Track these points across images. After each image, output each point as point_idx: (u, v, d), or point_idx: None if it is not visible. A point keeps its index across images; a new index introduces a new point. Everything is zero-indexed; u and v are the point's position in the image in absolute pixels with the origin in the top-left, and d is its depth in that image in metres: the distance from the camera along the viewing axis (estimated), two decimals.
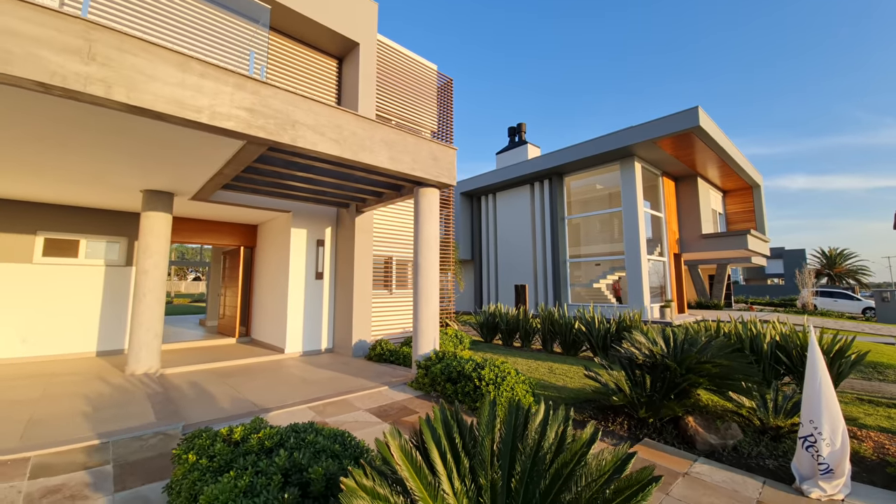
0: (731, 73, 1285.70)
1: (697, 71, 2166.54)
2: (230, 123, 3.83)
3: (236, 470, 2.09)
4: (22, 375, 5.55)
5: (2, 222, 6.65)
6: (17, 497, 2.54)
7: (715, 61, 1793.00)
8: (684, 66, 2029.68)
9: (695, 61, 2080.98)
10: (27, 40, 2.91)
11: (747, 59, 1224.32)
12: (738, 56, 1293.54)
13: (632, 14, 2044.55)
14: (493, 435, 1.91)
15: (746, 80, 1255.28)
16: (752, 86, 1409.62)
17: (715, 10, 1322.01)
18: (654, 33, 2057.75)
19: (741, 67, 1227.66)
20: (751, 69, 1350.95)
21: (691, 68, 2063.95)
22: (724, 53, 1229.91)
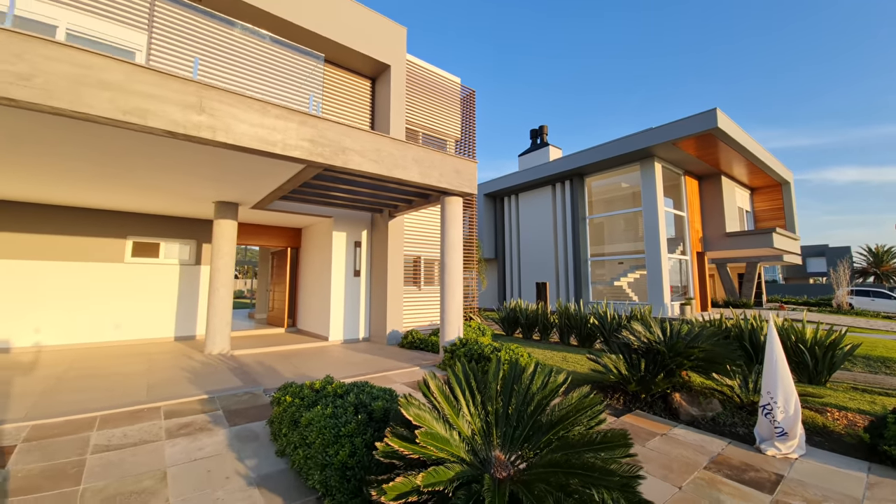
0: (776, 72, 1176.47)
1: (737, 67, 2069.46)
2: (296, 152, 4.85)
3: (321, 405, 3.05)
4: (124, 354, 6.85)
5: (101, 229, 8.06)
6: (159, 430, 3.62)
7: (748, 61, 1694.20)
8: (723, 60, 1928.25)
9: (729, 59, 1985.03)
10: (159, 101, 4.00)
11: (789, 59, 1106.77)
12: (776, 57, 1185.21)
13: (679, 8, 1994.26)
14: (497, 381, 2.77)
15: (792, 75, 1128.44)
16: (798, 79, 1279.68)
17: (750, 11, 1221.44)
18: (688, 31, 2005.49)
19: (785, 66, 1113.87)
20: (797, 65, 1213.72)
21: (730, 64, 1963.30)
22: (752, 56, 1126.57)
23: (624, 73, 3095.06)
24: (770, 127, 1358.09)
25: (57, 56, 3.51)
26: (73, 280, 7.65)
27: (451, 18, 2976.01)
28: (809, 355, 6.06)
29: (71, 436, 3.34)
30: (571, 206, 18.46)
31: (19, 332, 7.07)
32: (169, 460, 3.03)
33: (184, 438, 3.39)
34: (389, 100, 9.28)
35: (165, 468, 2.92)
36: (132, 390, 4.59)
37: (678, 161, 16.53)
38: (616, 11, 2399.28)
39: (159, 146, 4.58)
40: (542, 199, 20.03)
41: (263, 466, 3.02)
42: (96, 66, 3.68)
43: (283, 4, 7.75)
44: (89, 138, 4.31)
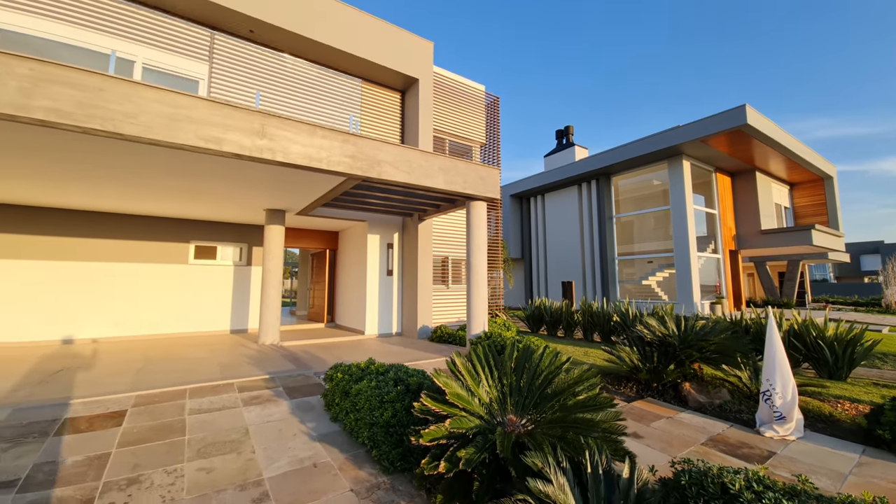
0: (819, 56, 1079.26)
1: (789, 53, 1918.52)
2: (339, 167, 5.58)
3: (367, 379, 3.71)
4: (190, 344, 7.86)
5: (168, 234, 9.19)
6: (237, 400, 4.40)
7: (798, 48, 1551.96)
8: (769, 45, 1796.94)
9: (776, 43, 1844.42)
10: (231, 129, 4.81)
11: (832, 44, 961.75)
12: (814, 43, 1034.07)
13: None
14: (512, 360, 3.33)
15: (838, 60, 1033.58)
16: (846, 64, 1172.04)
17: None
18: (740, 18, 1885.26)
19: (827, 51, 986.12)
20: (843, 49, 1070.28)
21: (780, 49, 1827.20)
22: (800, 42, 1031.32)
23: (660, 61, 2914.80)
24: (820, 115, 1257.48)
25: (156, 98, 4.38)
26: (146, 279, 8.80)
27: (481, 17, 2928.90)
28: (829, 351, 6.19)
29: (169, 402, 4.18)
30: (598, 205, 18.53)
31: (102, 325, 8.25)
32: (248, 421, 3.79)
33: (256, 406, 4.16)
34: (418, 111, 9.95)
35: (247, 426, 3.67)
36: (208, 371, 5.46)
37: (708, 158, 16.30)
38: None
39: (226, 165, 5.42)
40: (569, 199, 20.19)
41: (321, 428, 3.72)
42: (184, 104, 4.53)
43: (323, 31, 8.59)
44: (169, 161, 5.20)
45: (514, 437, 2.51)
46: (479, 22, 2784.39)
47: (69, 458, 3.01)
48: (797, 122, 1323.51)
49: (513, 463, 2.28)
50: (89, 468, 2.88)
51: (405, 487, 2.79)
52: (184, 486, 2.70)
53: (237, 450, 3.24)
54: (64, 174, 5.81)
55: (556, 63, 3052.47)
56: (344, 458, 3.18)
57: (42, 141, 4.51)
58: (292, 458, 3.15)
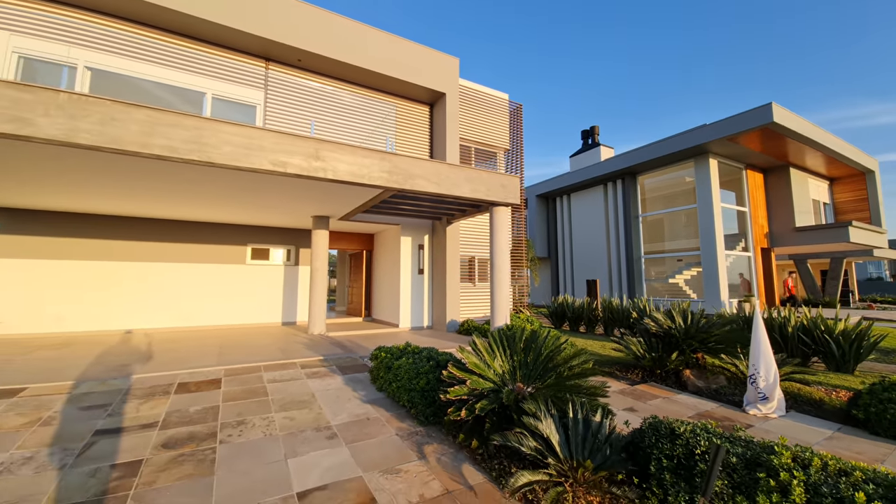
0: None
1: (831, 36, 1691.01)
2: (378, 182, 6.54)
3: (405, 357, 4.62)
4: (251, 333, 9.11)
5: (229, 238, 10.56)
6: (300, 373, 5.44)
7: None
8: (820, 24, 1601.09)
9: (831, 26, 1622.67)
10: (292, 154, 5.87)
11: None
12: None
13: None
14: (521, 342, 4.12)
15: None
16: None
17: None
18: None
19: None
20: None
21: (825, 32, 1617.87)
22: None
23: (706, 40, 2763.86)
24: (878, 100, 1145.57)
25: (236, 132, 5.48)
26: (212, 278, 10.19)
27: (503, 26, 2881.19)
28: (836, 345, 6.54)
29: (251, 374, 5.28)
30: (623, 204, 18.74)
31: (175, 317, 9.67)
32: (312, 388, 4.80)
33: (317, 379, 5.18)
34: (445, 122, 10.83)
35: (312, 392, 4.68)
36: (272, 353, 6.58)
37: (737, 155, 16.19)
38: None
39: (286, 182, 6.50)
40: (594, 199, 20.46)
41: (369, 395, 4.67)
42: (257, 136, 5.62)
43: (360, 56, 9.63)
44: (243, 181, 6.33)
45: (518, 394, 3.33)
46: (514, 13, 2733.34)
47: (191, 408, 4.10)
48: (852, 108, 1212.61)
49: (515, 410, 3.10)
50: (207, 414, 3.96)
51: (435, 434, 3.67)
52: (276, 428, 3.70)
53: (308, 406, 4.23)
54: (159, 192, 7.11)
55: (586, 55, 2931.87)
56: (389, 415, 4.10)
57: (153, 168, 5.72)
58: (350, 413, 4.11)
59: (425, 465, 3.13)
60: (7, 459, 3.03)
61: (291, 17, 8.89)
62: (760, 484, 2.33)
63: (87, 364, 5.61)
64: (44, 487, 2.68)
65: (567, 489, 2.58)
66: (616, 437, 2.93)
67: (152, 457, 3.11)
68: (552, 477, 2.64)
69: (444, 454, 3.30)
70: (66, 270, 8.75)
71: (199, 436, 3.49)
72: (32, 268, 8.46)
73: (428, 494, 2.73)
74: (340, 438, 3.53)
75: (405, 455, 3.27)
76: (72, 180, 6.40)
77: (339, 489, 2.75)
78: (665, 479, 2.61)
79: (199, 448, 3.27)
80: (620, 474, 2.75)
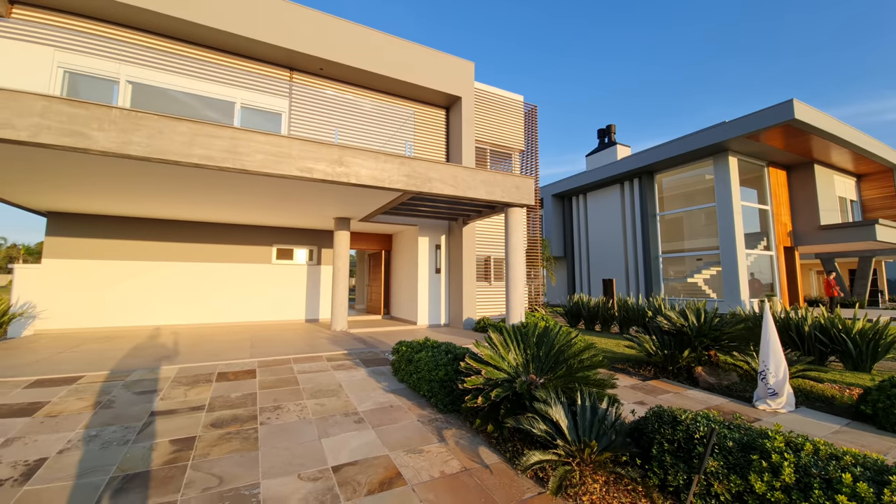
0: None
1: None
2: (397, 185, 6.87)
3: (425, 350, 4.93)
4: (277, 329, 9.60)
5: (255, 239, 11.10)
6: (327, 366, 5.81)
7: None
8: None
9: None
10: (318, 161, 6.25)
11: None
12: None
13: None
14: (534, 336, 4.37)
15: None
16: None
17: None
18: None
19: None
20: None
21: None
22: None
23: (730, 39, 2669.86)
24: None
25: (266, 141, 5.90)
26: (241, 277, 10.74)
27: (518, 27, 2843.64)
28: (852, 344, 6.53)
29: (282, 366, 5.68)
30: (640, 203, 18.64)
31: (206, 313, 10.25)
32: (339, 379, 5.16)
33: (342, 371, 5.54)
34: (461, 125, 11.11)
35: (339, 382, 5.04)
36: (299, 347, 7.00)
37: (759, 152, 15.93)
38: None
39: (311, 187, 6.91)
40: (611, 198, 20.39)
41: (392, 386, 5.00)
42: (285, 144, 6.02)
43: (379, 63, 10.00)
44: (271, 186, 6.76)
45: (530, 383, 3.59)
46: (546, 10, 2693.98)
47: (232, 394, 4.51)
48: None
49: (528, 398, 3.36)
50: (246, 400, 4.35)
51: (454, 420, 3.97)
52: (309, 412, 4.06)
53: (336, 395, 4.59)
54: (195, 197, 7.63)
55: (601, 51, 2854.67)
56: (410, 403, 4.42)
57: (191, 175, 6.20)
58: (374, 401, 4.45)
59: (445, 446, 3.42)
60: (75, 437, 3.46)
61: (314, 28, 9.32)
62: (753, 465, 2.53)
63: (132, 355, 6.13)
64: (112, 459, 3.09)
65: (574, 468, 2.84)
66: (621, 423, 3.16)
67: (203, 434, 3.50)
68: (561, 457, 2.90)
69: (462, 438, 3.59)
70: (108, 270, 9.41)
71: (242, 418, 3.87)
72: (78, 267, 9.15)
73: (448, 471, 3.02)
74: (367, 423, 3.86)
75: (426, 438, 3.57)
76: (117, 187, 6.95)
77: (368, 465, 3.07)
78: (666, 460, 2.83)
79: (242, 428, 3.65)
80: (624, 456, 2.98)
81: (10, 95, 4.77)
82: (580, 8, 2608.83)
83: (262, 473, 2.90)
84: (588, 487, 2.78)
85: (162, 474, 2.86)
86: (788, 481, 2.40)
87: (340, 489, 2.73)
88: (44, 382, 4.75)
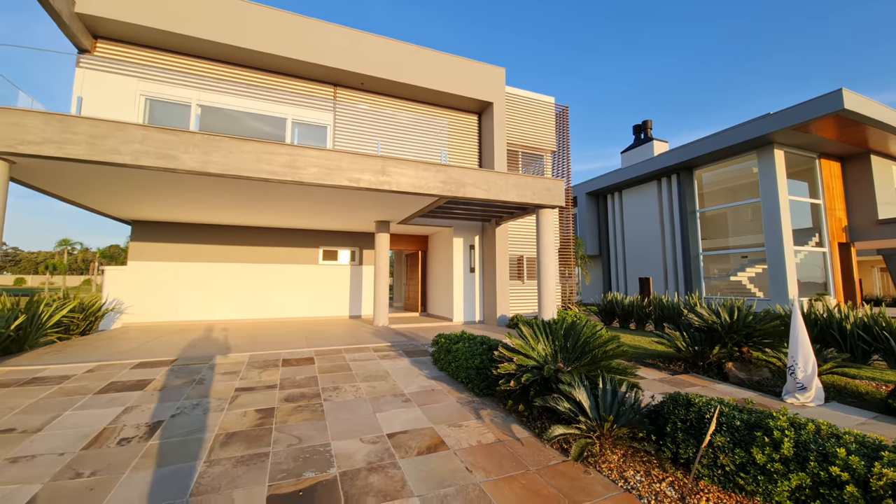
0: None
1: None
2: (434, 191, 7.45)
3: (462, 342, 5.46)
4: (325, 324, 10.47)
5: (304, 242, 12.09)
6: (374, 355, 6.48)
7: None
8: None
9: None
10: (363, 171, 6.94)
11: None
12: None
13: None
14: (562, 329, 4.78)
15: None
16: None
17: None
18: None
19: None
20: None
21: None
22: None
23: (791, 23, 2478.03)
24: None
25: (319, 155, 6.65)
26: (292, 276, 11.76)
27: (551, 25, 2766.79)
28: (895, 342, 6.40)
29: (335, 355, 6.41)
30: (679, 200, 18.21)
31: (262, 309, 11.33)
32: (386, 367, 5.80)
33: (388, 360, 6.19)
34: (493, 130, 11.54)
35: (386, 369, 5.68)
36: (347, 339, 7.75)
37: (808, 144, 15.17)
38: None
39: (356, 194, 7.62)
40: (648, 195, 20.01)
41: (432, 373, 5.57)
42: (335, 158, 6.75)
43: (416, 75, 10.64)
44: (323, 194, 7.53)
45: (557, 369, 4.03)
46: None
47: (297, 377, 5.25)
48: None
49: (554, 381, 3.81)
50: (309, 381, 5.07)
51: (489, 402, 4.47)
52: (363, 392, 4.70)
53: (385, 379, 5.22)
54: (256, 206, 8.59)
55: (634, 46, 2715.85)
56: (449, 388, 4.96)
57: (255, 188, 7.08)
58: (418, 385, 5.03)
59: (481, 423, 3.93)
60: (181, 406, 4.27)
61: (355, 47, 10.10)
62: (757, 440, 2.85)
63: (208, 344, 7.10)
64: (214, 422, 3.84)
65: (595, 441, 3.26)
66: (638, 405, 3.53)
67: (280, 406, 4.22)
68: (582, 431, 3.33)
69: (496, 416, 4.09)
70: (180, 270, 10.67)
71: (308, 395, 4.57)
72: (157, 268, 10.45)
73: (484, 441, 3.53)
74: (413, 402, 4.44)
75: (464, 415, 4.10)
76: (193, 199, 8.00)
77: (416, 434, 3.64)
78: (678, 436, 3.19)
79: (310, 403, 4.34)
80: (641, 433, 3.36)
81: (117, 126, 5.77)
82: (609, 5, 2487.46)
83: (330, 436, 3.54)
84: (607, 457, 3.20)
85: (254, 434, 3.57)
86: (787, 454, 2.71)
87: (395, 450, 3.31)
88: (145, 364, 5.72)
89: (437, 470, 3.02)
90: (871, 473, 2.44)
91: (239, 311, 11.06)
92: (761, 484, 2.74)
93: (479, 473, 2.98)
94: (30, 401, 4.32)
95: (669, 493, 2.80)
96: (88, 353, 6.38)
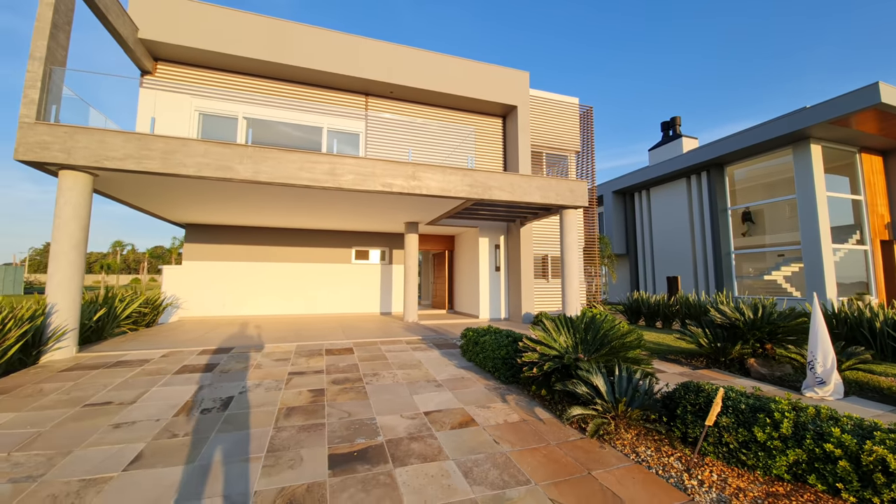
0: None
1: None
2: (461, 194, 7.91)
3: (489, 335, 5.90)
4: (359, 319, 11.14)
5: (338, 242, 12.83)
6: (407, 347, 7.01)
7: None
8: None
9: None
10: (395, 177, 7.48)
11: None
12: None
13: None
14: (582, 323, 5.14)
15: None
16: None
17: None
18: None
19: None
20: None
21: None
22: None
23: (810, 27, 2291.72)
24: None
25: (356, 163, 7.25)
26: (327, 275, 12.52)
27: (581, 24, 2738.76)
28: None
29: (372, 346, 6.99)
30: (709, 197, 17.86)
31: (301, 305, 12.13)
32: (418, 357, 6.32)
33: (420, 351, 6.70)
34: (517, 132, 11.88)
35: (419, 359, 6.19)
36: (381, 333, 8.33)
37: (848, 138, 14.61)
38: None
39: (388, 198, 8.19)
40: (676, 193, 19.70)
41: (461, 363, 6.04)
42: (369, 165, 7.33)
43: (442, 82, 11.13)
44: (359, 198, 8.14)
45: (576, 358, 4.40)
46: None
47: (339, 364, 5.84)
48: None
49: (574, 368, 4.19)
50: (351, 368, 5.65)
51: (513, 389, 4.89)
52: (399, 378, 5.23)
53: (418, 368, 5.73)
54: (298, 209, 9.33)
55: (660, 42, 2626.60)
56: (477, 376, 5.42)
57: (298, 193, 7.76)
58: (448, 373, 5.51)
59: (507, 405, 4.36)
60: (247, 385, 4.92)
61: (385, 59, 10.70)
62: (759, 421, 3.15)
63: (258, 335, 7.85)
64: (275, 399, 4.46)
65: (610, 421, 3.63)
66: (651, 390, 3.87)
67: (328, 387, 4.80)
68: (598, 413, 3.70)
69: (520, 401, 4.51)
70: (228, 269, 11.62)
71: (351, 379, 5.14)
72: (208, 267, 11.43)
73: (510, 420, 3.96)
74: (445, 387, 4.92)
75: (492, 399, 4.54)
76: (242, 205, 8.80)
77: (449, 412, 4.12)
78: (687, 418, 3.51)
79: (354, 385, 4.90)
80: (654, 415, 3.70)
81: (182, 142, 6.56)
82: (639, 3, 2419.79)
83: (375, 412, 4.07)
84: (621, 435, 3.56)
85: (310, 408, 4.15)
86: (786, 433, 3.00)
87: (431, 425, 3.80)
88: (207, 352, 6.48)
89: (468, 441, 3.48)
90: (863, 450, 2.72)
91: (278, 307, 11.92)
92: (761, 459, 3.04)
93: (505, 445, 3.42)
94: (120, 379, 5.09)
95: (676, 465, 3.15)
96: (158, 341, 7.24)
